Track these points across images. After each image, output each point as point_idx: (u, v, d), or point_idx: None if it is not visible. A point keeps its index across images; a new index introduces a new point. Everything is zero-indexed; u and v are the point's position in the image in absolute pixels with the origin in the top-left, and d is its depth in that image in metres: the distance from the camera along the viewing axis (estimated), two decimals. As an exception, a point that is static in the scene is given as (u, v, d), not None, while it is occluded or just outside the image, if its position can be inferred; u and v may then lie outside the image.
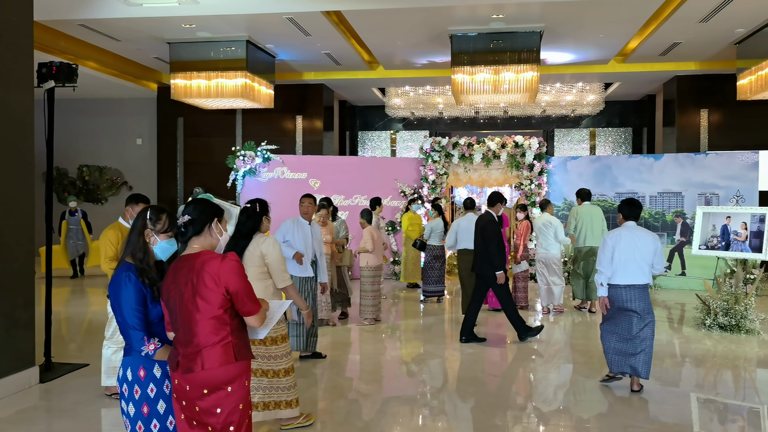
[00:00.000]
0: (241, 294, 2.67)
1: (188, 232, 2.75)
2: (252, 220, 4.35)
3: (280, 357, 4.28)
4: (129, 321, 2.73)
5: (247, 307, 2.70)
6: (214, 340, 2.63)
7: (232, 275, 2.64)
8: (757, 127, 12.64)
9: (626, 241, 5.22)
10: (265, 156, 11.84)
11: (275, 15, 9.27)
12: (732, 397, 5.43)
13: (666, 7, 9.31)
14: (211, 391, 2.63)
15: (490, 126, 16.15)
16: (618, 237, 5.28)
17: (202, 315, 2.62)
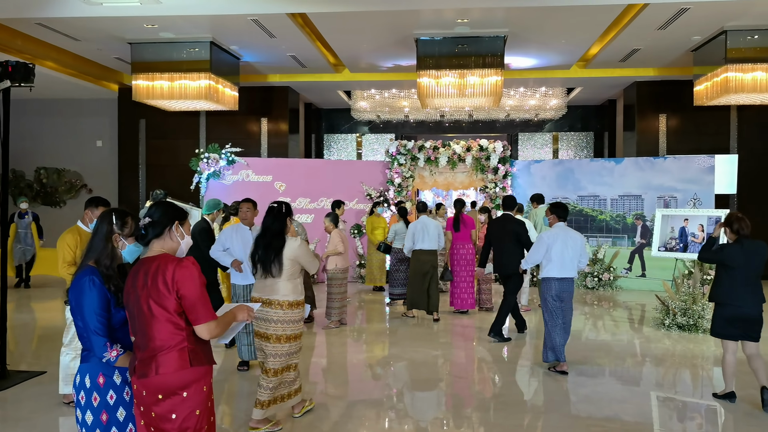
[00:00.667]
0: (190, 300, 2.60)
1: (148, 234, 2.70)
2: (279, 222, 4.49)
3: (288, 355, 4.53)
4: (91, 326, 2.67)
5: (194, 314, 2.61)
6: (170, 344, 2.58)
7: (184, 280, 2.59)
8: (713, 132, 13.00)
9: (562, 240, 5.96)
10: (230, 159, 11.71)
11: (239, 16, 9.18)
12: (690, 395, 5.56)
13: (625, 15, 9.51)
14: (165, 397, 2.59)
15: (456, 129, 16.27)
16: (555, 236, 5.98)
17: (156, 319, 2.58)
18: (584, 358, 6.68)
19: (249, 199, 6.01)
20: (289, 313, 4.45)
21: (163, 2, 8.57)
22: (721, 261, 5.11)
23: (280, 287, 4.44)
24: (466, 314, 8.97)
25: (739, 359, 5.42)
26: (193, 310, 2.60)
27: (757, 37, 9.57)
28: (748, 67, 9.58)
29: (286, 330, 4.45)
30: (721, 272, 5.12)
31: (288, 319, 4.45)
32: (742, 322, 5.04)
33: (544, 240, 6.00)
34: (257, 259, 4.48)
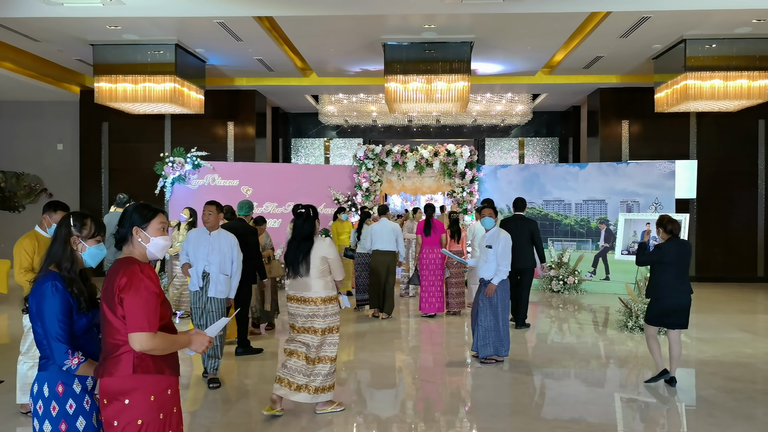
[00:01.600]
0: (128, 307, 2.52)
1: (118, 241, 2.73)
2: (308, 224, 4.82)
3: (333, 345, 4.86)
4: (53, 332, 2.59)
5: (128, 322, 2.52)
6: (116, 349, 2.56)
7: (128, 285, 2.53)
8: (674, 138, 13.32)
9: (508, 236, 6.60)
10: (195, 163, 11.55)
11: (205, 19, 9.07)
12: (653, 396, 5.66)
13: (589, 23, 9.69)
14: (109, 402, 2.56)
15: (423, 134, 16.35)
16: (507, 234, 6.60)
17: (108, 322, 2.57)
18: (550, 360, 6.76)
19: (213, 201, 5.84)
20: (323, 308, 4.77)
21: (126, 3, 8.42)
22: (659, 259, 5.61)
23: (312, 285, 4.76)
24: (434, 318, 9.00)
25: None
26: (128, 316, 2.53)
27: (715, 46, 9.84)
28: (707, 75, 9.84)
29: (324, 323, 4.78)
30: (657, 269, 5.67)
31: (323, 313, 4.77)
32: (677, 312, 5.62)
33: (509, 240, 6.51)
34: (287, 261, 4.84)
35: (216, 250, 5.65)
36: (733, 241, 13.20)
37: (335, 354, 4.90)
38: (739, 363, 6.54)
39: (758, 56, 9.80)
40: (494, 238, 6.40)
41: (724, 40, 9.81)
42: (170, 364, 2.68)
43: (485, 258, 6.43)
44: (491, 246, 6.37)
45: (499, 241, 6.35)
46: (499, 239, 6.36)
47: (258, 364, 6.54)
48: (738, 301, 10.73)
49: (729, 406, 5.16)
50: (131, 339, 2.53)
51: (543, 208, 11.92)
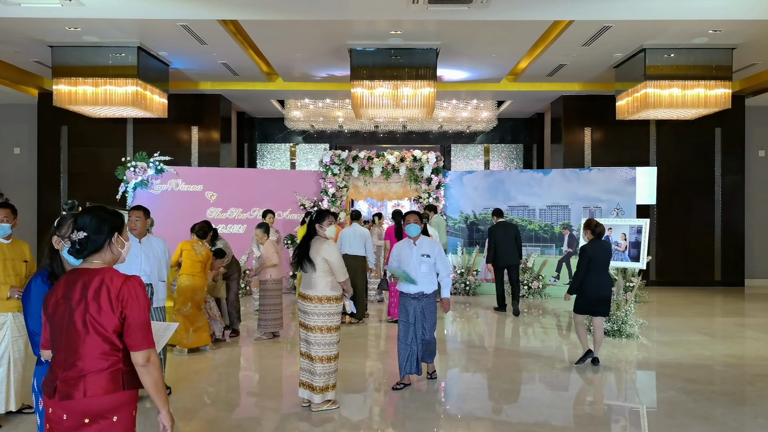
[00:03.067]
0: (135, 324, 2.41)
1: (85, 249, 2.48)
2: (310, 227, 5.21)
3: (329, 344, 5.08)
4: (32, 327, 2.68)
5: (133, 338, 2.42)
6: (102, 365, 2.38)
7: (131, 300, 2.41)
8: (635, 145, 13.61)
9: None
10: (158, 167, 11.36)
11: (168, 21, 8.94)
12: (615, 399, 5.75)
13: (552, 31, 9.85)
14: (93, 421, 2.37)
15: (390, 140, 16.38)
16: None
17: (91, 338, 2.37)
18: (514, 364, 6.81)
19: (140, 206, 5.44)
20: (326, 306, 5.05)
21: (86, 4, 8.24)
22: (589, 257, 6.50)
23: (316, 283, 5.06)
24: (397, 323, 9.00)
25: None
26: (133, 333, 2.41)
27: (674, 56, 10.10)
28: (665, 83, 10.09)
29: (325, 321, 5.04)
30: (584, 265, 6.53)
31: (325, 312, 5.04)
32: (600, 301, 6.57)
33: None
34: (296, 258, 5.20)
35: (150, 257, 5.39)
36: (691, 245, 13.53)
37: (334, 353, 5.12)
38: (697, 365, 6.69)
39: (714, 66, 10.09)
40: (429, 246, 5.79)
41: (682, 50, 10.08)
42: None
43: (418, 270, 5.71)
44: (429, 255, 5.74)
45: (435, 247, 5.81)
46: (434, 246, 5.81)
47: (219, 371, 6.43)
48: (696, 305, 10.99)
49: (688, 407, 5.27)
50: (137, 356, 2.42)
51: (508, 213, 12.03)
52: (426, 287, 5.73)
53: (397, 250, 5.85)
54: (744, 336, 8.37)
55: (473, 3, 8.01)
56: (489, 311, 10.25)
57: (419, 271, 5.69)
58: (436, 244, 5.81)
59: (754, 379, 6.25)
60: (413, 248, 5.77)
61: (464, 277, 11.99)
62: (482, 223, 12.23)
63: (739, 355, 7.18)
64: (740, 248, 13.55)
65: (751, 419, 5.01)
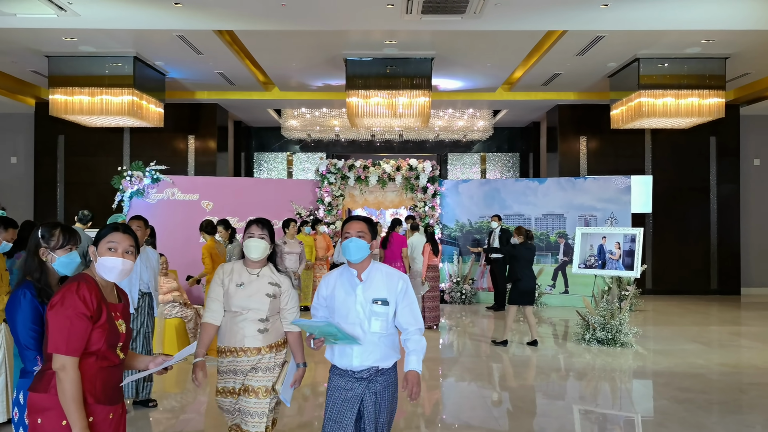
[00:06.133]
0: (50, 324, 2.41)
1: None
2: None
3: (254, 414, 3.36)
4: (22, 339, 2.66)
5: (49, 341, 2.40)
6: (45, 365, 2.48)
7: (56, 303, 2.43)
8: (630, 154, 13.65)
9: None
10: (154, 176, 11.37)
11: (164, 32, 8.98)
12: (610, 408, 5.74)
13: (546, 41, 9.91)
14: (29, 415, 2.46)
15: (386, 149, 16.41)
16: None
17: (45, 338, 2.49)
18: (509, 373, 6.81)
19: (140, 216, 5.37)
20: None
21: (82, 15, 8.29)
22: (516, 255, 7.99)
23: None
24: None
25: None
26: (49, 334, 2.42)
27: (667, 65, 10.16)
28: (659, 93, 10.14)
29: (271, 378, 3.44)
30: (514, 262, 8.01)
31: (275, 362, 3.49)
32: (531, 292, 7.96)
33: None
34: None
35: (149, 267, 5.37)
36: (687, 254, 13.55)
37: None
38: (691, 374, 6.69)
39: (707, 75, 10.15)
40: (387, 283, 3.15)
41: (676, 60, 10.14)
42: (93, 391, 2.48)
43: (364, 327, 3.10)
44: (385, 301, 3.10)
45: (397, 284, 3.17)
46: (395, 283, 3.16)
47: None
48: (692, 313, 11.00)
49: (680, 416, 5.27)
50: (53, 359, 2.42)
51: (503, 222, 12.05)
52: (379, 358, 3.10)
53: (326, 288, 3.23)
54: (739, 345, 8.37)
55: (466, 13, 8.06)
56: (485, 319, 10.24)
57: (366, 329, 3.08)
58: (399, 279, 3.17)
59: (747, 387, 6.26)
60: (356, 286, 3.13)
61: (460, 285, 11.99)
62: (477, 231, 12.24)
63: (733, 364, 7.19)
64: (736, 257, 13.57)
65: (743, 428, 5.01)
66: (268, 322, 3.39)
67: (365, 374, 3.12)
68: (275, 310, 3.43)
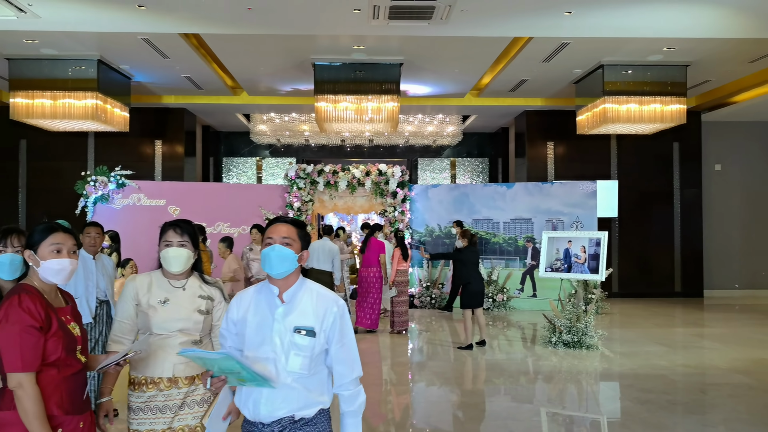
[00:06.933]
0: (1, 344, 2.29)
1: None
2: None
3: None
4: None
5: (4, 360, 2.29)
6: (4, 380, 2.32)
7: (0, 317, 2.31)
8: (595, 160, 13.86)
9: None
10: (120, 182, 11.18)
11: (129, 35, 8.85)
12: (577, 410, 5.80)
13: (513, 47, 10.01)
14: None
15: (357, 154, 16.41)
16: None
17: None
18: (478, 377, 6.84)
19: (97, 223, 5.23)
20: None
21: (43, 17, 8.13)
22: (461, 258, 8.30)
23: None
24: (371, 333, 9.26)
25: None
26: (2, 353, 2.29)
27: (631, 72, 10.35)
28: (623, 99, 10.32)
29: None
30: (460, 266, 8.37)
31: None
32: (481, 293, 8.19)
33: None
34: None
35: (104, 274, 5.23)
36: (652, 257, 13.79)
37: None
38: (654, 375, 6.80)
39: (669, 82, 10.37)
40: (315, 306, 2.41)
41: (639, 67, 10.34)
42: (60, 402, 2.40)
43: (281, 362, 2.35)
44: (311, 331, 2.36)
45: (329, 308, 2.42)
46: (328, 307, 2.42)
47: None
48: (656, 316, 11.19)
49: (642, 416, 5.35)
50: (8, 378, 2.30)
51: (473, 227, 12.13)
52: (296, 406, 2.36)
53: (237, 310, 2.46)
54: (702, 346, 8.54)
55: (433, 19, 8.11)
56: (455, 323, 10.29)
57: (282, 366, 2.35)
58: (333, 304, 2.42)
59: (708, 388, 6.39)
60: (275, 309, 2.39)
61: (430, 290, 12.03)
62: (447, 236, 12.30)
63: (695, 365, 7.33)
64: (699, 260, 13.86)
65: (702, 428, 5.11)
66: (201, 344, 2.88)
67: (276, 428, 2.33)
68: (208, 328, 2.93)
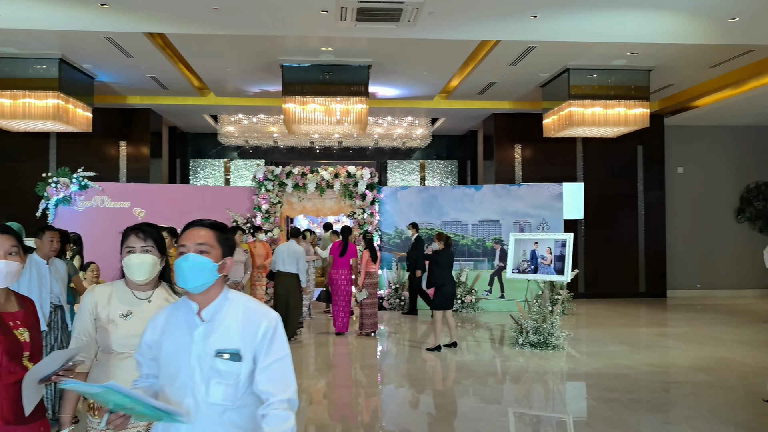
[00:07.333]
0: None
1: None
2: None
3: None
4: None
5: None
6: None
7: None
8: (562, 162, 14.04)
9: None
10: (82, 183, 10.95)
11: (92, 33, 8.67)
12: (543, 410, 5.86)
13: (480, 50, 10.09)
14: None
15: (326, 156, 16.36)
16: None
17: None
18: (447, 378, 6.86)
19: (52, 227, 5.14)
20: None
21: (3, 15, 7.92)
22: (437, 260, 8.11)
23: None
24: (341, 336, 9.30)
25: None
26: None
27: (596, 76, 10.52)
28: (588, 102, 10.48)
29: None
30: (435, 267, 8.11)
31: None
32: (453, 295, 8.25)
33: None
34: None
35: (58, 279, 5.12)
36: (617, 259, 14.02)
37: None
38: (618, 374, 6.90)
39: (633, 87, 10.56)
40: (241, 326, 2.04)
41: (603, 71, 10.51)
42: (1, 412, 2.30)
43: (199, 392, 2.00)
44: (236, 354, 2.00)
45: (259, 325, 2.05)
46: (256, 325, 2.05)
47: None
48: (621, 316, 11.38)
49: (606, 415, 5.42)
50: None
51: (442, 228, 12.18)
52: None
53: (152, 331, 2.16)
54: (665, 345, 8.70)
55: (401, 21, 8.13)
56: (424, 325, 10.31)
57: (201, 398, 2.01)
58: (263, 319, 2.06)
59: (669, 386, 6.51)
60: (194, 328, 2.07)
61: (399, 292, 12.03)
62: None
63: (657, 364, 7.46)
64: (662, 261, 14.14)
65: (664, 425, 5.20)
66: None
67: None
68: None
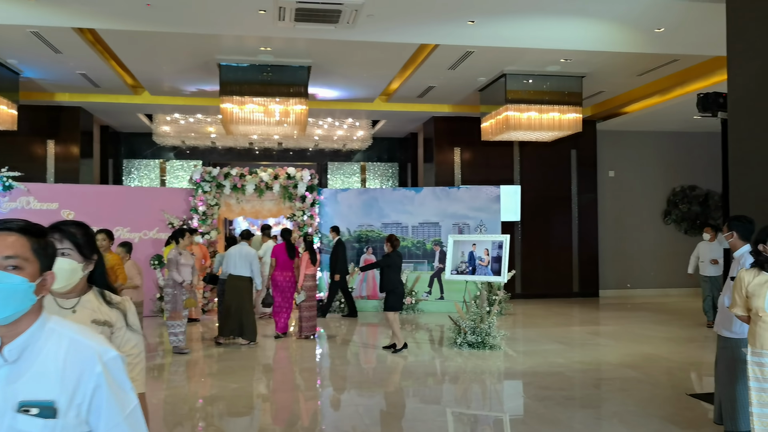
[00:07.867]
0: None
1: None
2: None
3: None
4: None
5: None
6: None
7: None
8: (499, 165, 14.33)
9: None
10: (6, 184, 10.44)
11: (16, 27, 8.28)
12: (481, 409, 5.94)
13: (420, 54, 10.19)
14: None
15: (266, 157, 16.14)
16: None
17: None
18: (386, 380, 6.87)
19: None
20: None
21: None
22: (388, 263, 8.14)
23: None
24: (280, 338, 9.19)
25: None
26: None
27: (531, 82, 10.79)
28: (524, 107, 10.75)
29: None
30: (389, 271, 8.12)
31: None
32: (404, 296, 8.69)
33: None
34: None
35: None
36: (552, 259, 14.41)
37: None
38: (552, 372, 7.08)
39: (567, 92, 10.90)
40: (74, 367, 1.44)
41: (538, 77, 10.80)
42: None
43: None
44: (52, 408, 1.40)
45: (93, 371, 1.45)
46: (91, 371, 1.45)
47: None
48: (555, 315, 11.69)
49: (539, 412, 5.55)
50: None
51: (382, 230, 12.21)
52: None
53: None
54: (597, 343, 8.99)
55: (339, 23, 8.12)
56: (363, 327, 10.31)
57: None
58: (95, 360, 1.45)
59: (600, 383, 6.73)
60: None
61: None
62: (357, 240, 12.31)
63: (589, 362, 7.70)
64: (594, 261, 14.63)
65: (595, 420, 5.37)
66: None
67: None
68: None
